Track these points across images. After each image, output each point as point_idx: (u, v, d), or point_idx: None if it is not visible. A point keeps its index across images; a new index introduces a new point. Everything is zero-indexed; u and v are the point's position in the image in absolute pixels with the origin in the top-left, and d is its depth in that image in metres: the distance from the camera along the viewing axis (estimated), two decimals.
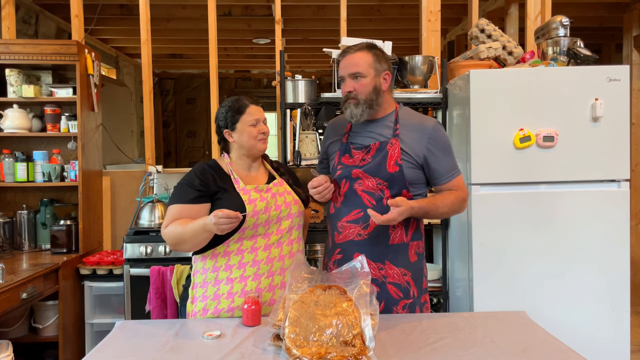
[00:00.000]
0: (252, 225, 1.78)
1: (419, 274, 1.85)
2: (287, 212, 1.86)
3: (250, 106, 1.89)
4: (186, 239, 1.73)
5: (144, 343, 1.52)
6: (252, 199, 1.80)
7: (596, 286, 2.50)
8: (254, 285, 1.77)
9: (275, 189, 1.89)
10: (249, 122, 1.86)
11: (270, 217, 1.81)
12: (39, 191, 3.23)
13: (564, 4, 4.15)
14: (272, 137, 10.42)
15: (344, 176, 1.83)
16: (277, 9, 3.50)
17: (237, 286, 1.77)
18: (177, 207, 1.79)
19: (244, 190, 1.82)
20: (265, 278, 1.79)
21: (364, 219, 1.79)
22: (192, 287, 1.85)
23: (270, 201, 1.83)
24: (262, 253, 1.80)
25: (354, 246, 1.80)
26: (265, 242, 1.81)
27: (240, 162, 1.91)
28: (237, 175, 1.87)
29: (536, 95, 2.48)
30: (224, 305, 1.77)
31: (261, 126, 1.89)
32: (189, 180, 1.83)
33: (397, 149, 1.77)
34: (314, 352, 1.30)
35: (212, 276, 1.80)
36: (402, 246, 1.81)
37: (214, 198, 1.81)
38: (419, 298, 1.84)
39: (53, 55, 2.93)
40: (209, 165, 1.88)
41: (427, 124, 1.82)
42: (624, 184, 2.52)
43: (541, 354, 1.42)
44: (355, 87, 1.78)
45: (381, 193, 1.78)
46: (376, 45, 1.84)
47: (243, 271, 1.78)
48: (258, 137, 1.87)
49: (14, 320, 2.83)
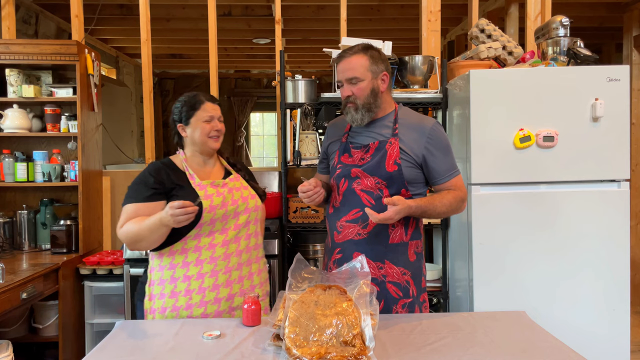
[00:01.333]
0: (210, 220, 1.78)
1: (418, 273, 1.86)
2: (244, 206, 1.87)
3: (206, 103, 1.88)
4: (143, 236, 1.72)
5: (144, 343, 1.52)
6: (209, 194, 1.81)
7: (596, 286, 2.50)
8: (211, 282, 1.78)
9: (232, 183, 1.91)
10: (202, 118, 1.86)
11: (228, 211, 1.82)
12: (39, 191, 3.23)
13: (564, 4, 4.15)
14: (272, 137, 10.42)
15: (343, 175, 1.83)
16: (277, 9, 3.50)
17: (195, 283, 1.77)
18: (133, 206, 1.78)
19: (200, 185, 1.83)
20: (223, 274, 1.80)
21: (363, 218, 1.79)
22: (148, 284, 1.85)
23: (227, 196, 1.84)
24: (219, 249, 1.80)
25: (353, 245, 1.81)
26: (224, 238, 1.81)
27: (194, 159, 1.92)
28: (193, 171, 1.87)
29: (536, 95, 2.48)
30: (182, 303, 1.77)
31: (215, 123, 1.89)
32: (142, 179, 1.82)
33: (396, 149, 1.77)
34: (314, 352, 1.30)
35: (169, 274, 1.80)
36: (401, 245, 1.81)
37: (170, 195, 1.81)
38: (418, 297, 1.85)
39: (53, 55, 2.93)
40: (163, 163, 1.89)
41: (426, 123, 1.82)
42: (624, 184, 2.52)
43: (541, 354, 1.42)
44: (353, 91, 1.78)
45: (380, 192, 1.78)
46: (372, 46, 1.82)
47: (200, 268, 1.78)
48: (210, 134, 1.87)
49: (14, 320, 2.83)
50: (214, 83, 3.49)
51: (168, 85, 8.47)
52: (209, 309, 1.77)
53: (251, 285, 1.87)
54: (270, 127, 9.39)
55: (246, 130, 8.82)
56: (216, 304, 1.78)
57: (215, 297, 1.78)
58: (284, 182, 2.99)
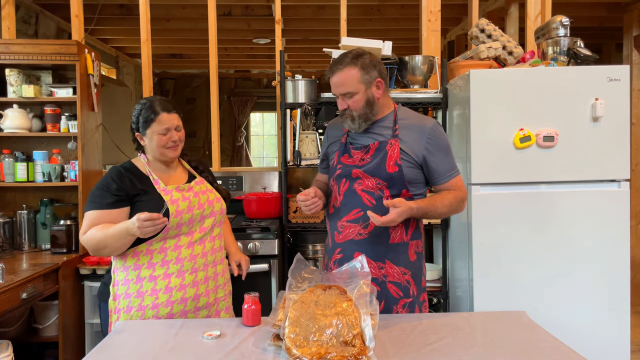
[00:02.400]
0: (176, 225, 1.79)
1: (419, 273, 1.86)
2: (210, 210, 1.89)
3: (161, 114, 1.83)
4: (107, 244, 1.72)
5: (144, 343, 1.52)
6: (174, 199, 1.81)
7: (596, 286, 2.50)
8: (177, 282, 1.79)
9: (197, 187, 1.91)
10: (158, 130, 1.83)
11: (194, 216, 1.83)
12: (39, 191, 3.23)
13: (564, 4, 4.15)
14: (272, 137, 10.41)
15: (344, 175, 1.84)
16: (277, 9, 3.50)
17: (161, 283, 1.79)
18: (95, 213, 1.77)
19: (165, 190, 1.82)
20: (189, 274, 1.81)
21: (363, 218, 1.79)
22: (112, 284, 1.84)
23: (193, 200, 1.85)
24: (185, 250, 1.82)
25: (354, 245, 1.81)
26: (189, 240, 1.83)
27: (156, 164, 1.91)
28: (156, 176, 1.86)
29: (536, 95, 2.48)
30: (148, 302, 1.78)
31: (171, 134, 1.85)
32: (105, 185, 1.80)
33: (396, 150, 1.77)
34: (314, 352, 1.30)
35: (134, 274, 1.80)
36: (402, 245, 1.81)
37: (134, 201, 1.80)
38: (419, 297, 1.85)
39: (53, 55, 2.93)
40: (125, 168, 1.87)
41: (426, 124, 1.82)
42: (624, 184, 2.52)
43: (541, 354, 1.42)
44: (348, 104, 1.78)
45: (381, 192, 1.78)
46: (362, 54, 1.78)
47: (166, 269, 1.79)
48: (167, 145, 1.85)
49: (14, 320, 2.83)
50: (214, 83, 3.49)
51: (168, 85, 8.47)
52: (175, 309, 1.79)
53: (215, 286, 1.89)
54: (270, 127, 9.39)
55: (246, 130, 8.82)
56: (182, 304, 1.80)
57: (182, 297, 1.80)
58: (284, 182, 2.99)
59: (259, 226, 2.84)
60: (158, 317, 1.78)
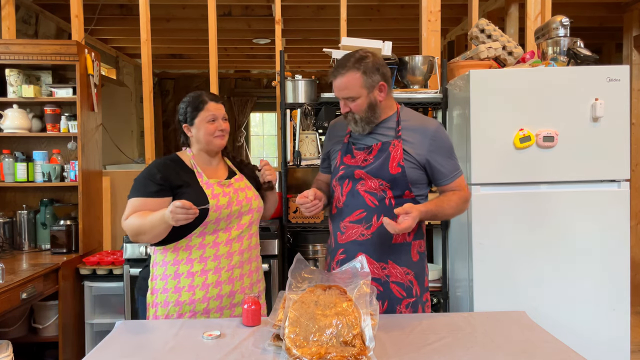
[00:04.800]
0: (215, 219, 1.82)
1: (421, 273, 1.86)
2: (248, 207, 1.91)
3: (209, 103, 1.90)
4: (145, 230, 1.75)
5: (144, 343, 1.52)
6: (215, 193, 1.84)
7: (596, 286, 2.50)
8: (214, 279, 1.82)
9: (237, 184, 1.94)
10: (206, 118, 1.88)
11: (232, 212, 1.86)
12: (39, 191, 3.23)
13: (564, 4, 4.15)
14: (272, 137, 10.40)
15: (347, 176, 1.84)
16: (277, 9, 3.50)
17: (198, 279, 1.81)
18: (138, 200, 1.81)
19: (207, 184, 1.86)
20: (226, 271, 1.84)
21: (366, 219, 1.79)
22: (151, 278, 1.88)
23: (233, 196, 1.88)
24: (223, 247, 1.84)
25: (357, 246, 1.81)
26: (227, 236, 1.86)
27: (200, 157, 1.94)
28: (200, 169, 1.90)
29: (536, 95, 2.48)
30: (185, 298, 1.81)
31: (219, 123, 1.90)
32: (149, 174, 1.84)
33: (399, 151, 1.77)
34: (314, 352, 1.30)
35: (173, 269, 1.83)
36: (404, 245, 1.82)
37: (176, 192, 1.83)
38: (421, 296, 1.85)
39: (53, 55, 2.93)
40: (171, 160, 1.91)
41: (430, 126, 1.83)
42: (624, 184, 2.52)
43: (541, 354, 1.42)
44: (350, 107, 1.79)
45: (383, 193, 1.78)
46: (365, 56, 1.77)
47: (204, 265, 1.82)
48: (215, 134, 1.89)
49: (14, 320, 2.83)
50: (214, 83, 3.49)
51: (168, 85, 8.47)
52: (212, 305, 1.82)
53: (250, 283, 1.91)
54: (270, 127, 9.39)
55: (246, 130, 8.83)
56: (218, 300, 1.83)
57: (217, 294, 1.82)
58: (284, 182, 2.98)
59: (259, 226, 2.83)
60: (194, 312, 1.81)
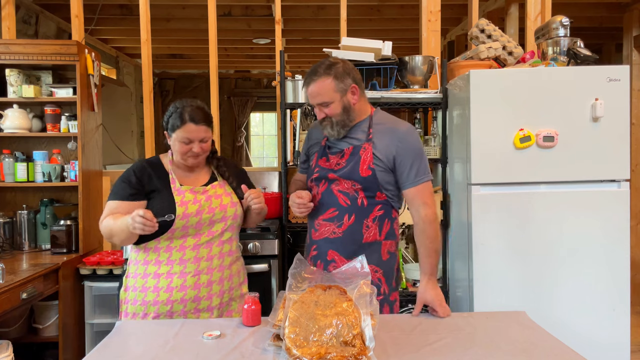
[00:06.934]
0: (182, 227, 1.81)
1: (390, 273, 1.90)
2: (221, 215, 1.87)
3: (188, 124, 1.79)
4: (115, 233, 1.77)
5: (144, 343, 1.52)
6: (185, 200, 1.82)
7: (596, 286, 2.50)
8: (179, 282, 1.81)
9: (213, 190, 1.90)
10: (181, 139, 1.82)
11: (202, 220, 1.84)
12: (39, 191, 3.23)
13: (564, 4, 4.15)
14: (272, 137, 10.40)
15: (322, 177, 1.89)
16: (277, 9, 3.50)
17: (164, 282, 1.81)
18: (114, 203, 1.83)
19: (179, 190, 1.84)
20: (192, 276, 1.82)
21: (338, 217, 1.85)
22: (125, 275, 1.90)
23: (204, 204, 1.85)
24: (190, 252, 1.83)
25: (328, 244, 1.87)
26: (195, 242, 1.84)
27: (178, 163, 1.92)
28: (175, 175, 1.88)
29: (536, 95, 2.48)
30: (150, 298, 1.81)
31: (193, 145, 1.82)
32: (126, 178, 1.85)
33: (369, 154, 1.82)
34: (314, 352, 1.30)
35: (143, 269, 1.85)
36: (375, 244, 1.86)
37: (149, 197, 1.84)
38: (389, 296, 1.89)
39: (53, 55, 2.93)
40: (149, 162, 1.91)
41: (399, 127, 1.86)
42: (624, 184, 2.52)
43: (541, 354, 1.42)
44: (325, 113, 1.84)
45: (356, 194, 1.84)
46: (335, 63, 1.82)
47: (170, 267, 1.82)
48: (188, 154, 1.84)
49: (14, 320, 2.83)
50: (214, 83, 3.49)
51: (168, 85, 8.47)
52: (175, 308, 1.81)
53: (221, 290, 1.88)
54: (270, 127, 9.39)
55: (246, 130, 8.82)
56: (182, 304, 1.81)
57: (181, 298, 1.81)
58: (284, 182, 2.99)
59: (259, 226, 2.84)
60: (158, 314, 1.80)
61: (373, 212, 1.85)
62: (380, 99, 2.82)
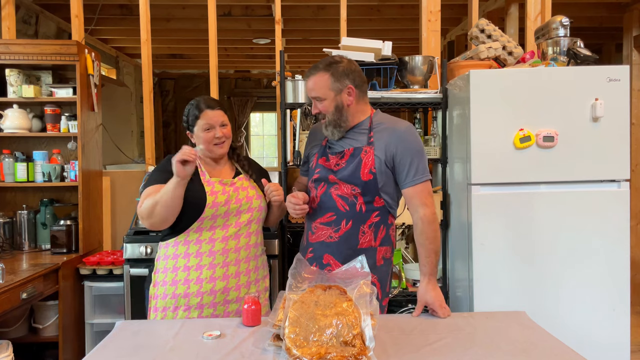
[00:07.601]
0: (211, 215, 1.86)
1: (385, 278, 1.91)
2: (247, 205, 1.94)
3: (205, 111, 1.90)
4: (157, 200, 1.78)
5: (144, 343, 1.52)
6: (215, 190, 1.89)
7: (596, 286, 2.50)
8: (208, 274, 1.86)
9: (240, 182, 1.98)
10: (203, 127, 1.90)
11: (230, 209, 1.89)
12: (39, 191, 3.23)
13: (564, 4, 4.15)
14: (272, 137, 10.39)
15: (322, 180, 1.90)
16: (277, 9, 3.50)
17: (194, 274, 1.86)
18: (151, 187, 1.87)
19: (209, 182, 1.91)
20: (220, 268, 1.87)
21: (336, 222, 1.86)
22: (154, 271, 1.94)
23: (232, 194, 1.91)
24: (219, 244, 1.88)
25: (324, 247, 1.88)
26: (223, 234, 1.89)
27: (205, 158, 1.98)
28: (204, 168, 1.95)
29: (536, 95, 2.48)
30: (180, 291, 1.85)
31: (216, 130, 1.91)
32: (162, 166, 1.94)
33: (371, 157, 1.82)
34: (314, 352, 1.30)
35: (172, 263, 1.89)
36: (370, 250, 1.87)
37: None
38: (382, 301, 1.90)
39: (53, 55, 2.93)
40: None
41: (399, 127, 1.86)
42: (624, 184, 2.52)
43: (541, 354, 1.42)
44: (319, 108, 1.86)
45: (354, 199, 1.84)
46: (338, 61, 1.84)
47: (200, 260, 1.86)
48: (213, 142, 1.92)
49: (14, 320, 2.83)
50: (214, 83, 3.49)
51: (168, 85, 8.47)
52: (205, 299, 1.86)
53: (248, 281, 1.93)
54: (270, 127, 9.39)
55: (246, 130, 8.82)
56: (212, 295, 1.86)
57: (211, 289, 1.86)
58: (284, 182, 2.98)
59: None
60: (189, 306, 1.85)
61: (370, 218, 1.86)
62: (380, 99, 2.82)
